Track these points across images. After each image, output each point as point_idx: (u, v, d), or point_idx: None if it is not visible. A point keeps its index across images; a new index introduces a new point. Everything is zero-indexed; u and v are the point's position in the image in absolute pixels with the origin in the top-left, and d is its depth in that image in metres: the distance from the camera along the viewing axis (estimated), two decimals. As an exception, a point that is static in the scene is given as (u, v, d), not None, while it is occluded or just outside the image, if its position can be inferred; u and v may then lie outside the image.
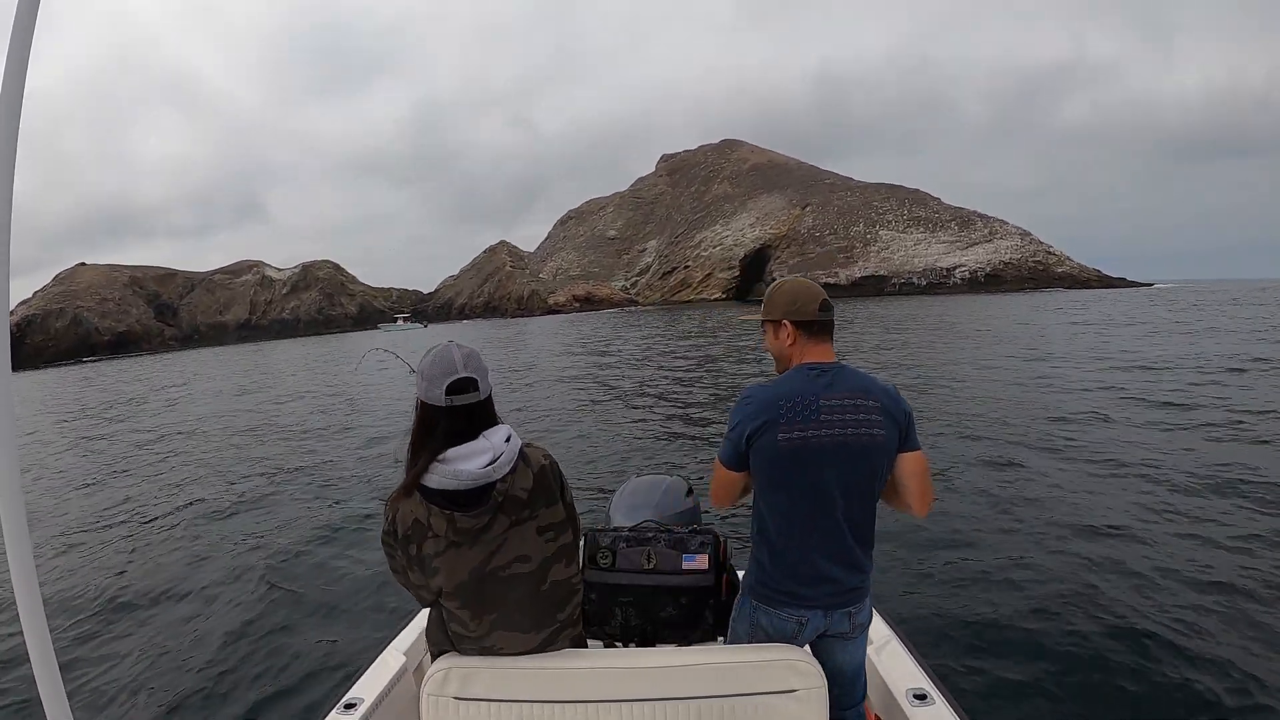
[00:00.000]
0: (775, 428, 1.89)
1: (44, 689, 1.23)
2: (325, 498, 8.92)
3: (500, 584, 1.72)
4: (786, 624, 1.97)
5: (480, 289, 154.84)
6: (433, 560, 1.70)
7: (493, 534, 1.70)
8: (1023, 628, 4.24)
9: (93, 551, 7.59)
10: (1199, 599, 4.42)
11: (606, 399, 15.69)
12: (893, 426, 1.92)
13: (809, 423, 1.88)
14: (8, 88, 1.11)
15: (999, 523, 6.08)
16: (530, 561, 1.74)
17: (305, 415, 17.18)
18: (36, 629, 1.21)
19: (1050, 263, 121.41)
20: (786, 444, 1.88)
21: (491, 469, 1.66)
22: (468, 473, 1.64)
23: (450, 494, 1.66)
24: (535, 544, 1.75)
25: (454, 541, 1.68)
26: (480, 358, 1.76)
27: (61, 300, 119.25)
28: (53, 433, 18.76)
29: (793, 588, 1.96)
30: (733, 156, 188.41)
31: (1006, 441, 9.14)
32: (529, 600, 1.75)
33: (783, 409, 1.90)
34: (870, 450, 1.90)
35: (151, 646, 5.02)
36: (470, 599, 1.73)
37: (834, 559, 1.95)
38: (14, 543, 1.18)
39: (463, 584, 1.71)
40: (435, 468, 1.65)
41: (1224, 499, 6.30)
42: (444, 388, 1.67)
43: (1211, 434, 8.84)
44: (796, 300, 2.02)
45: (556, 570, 1.79)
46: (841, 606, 1.98)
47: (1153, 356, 17.16)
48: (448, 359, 1.71)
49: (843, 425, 1.88)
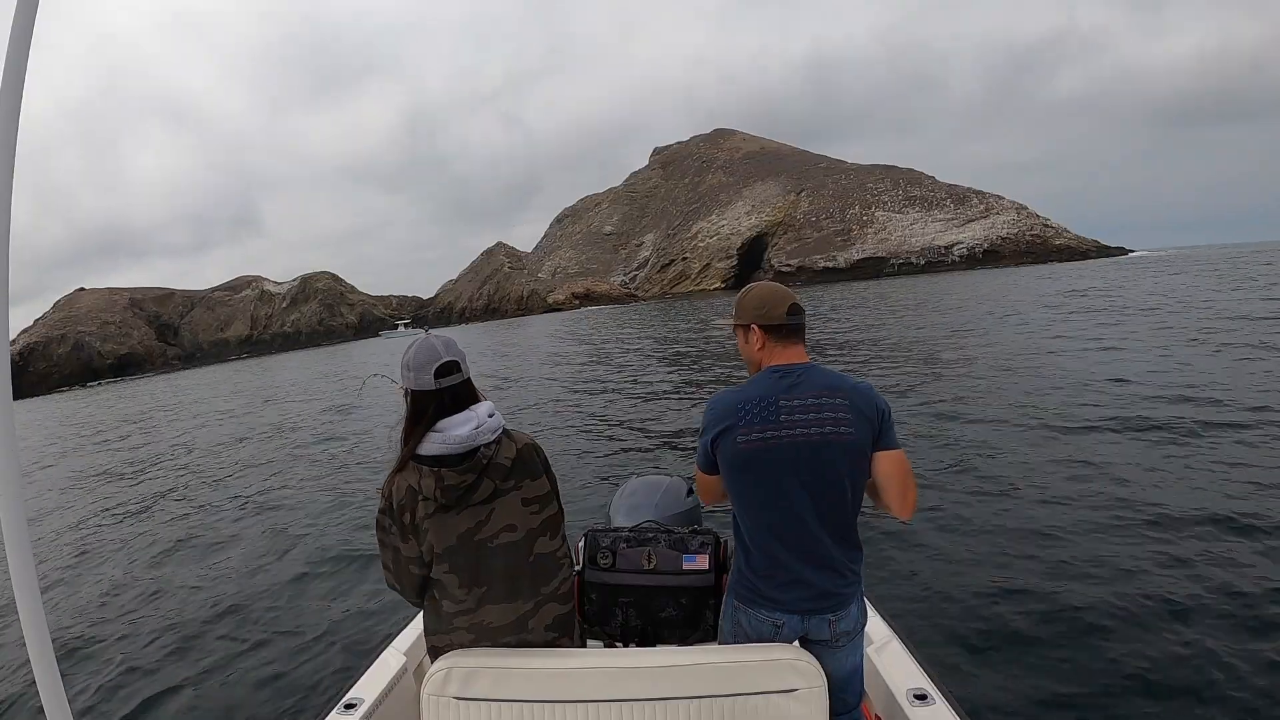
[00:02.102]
0: (735, 431, 1.89)
1: (44, 689, 1.23)
2: (326, 500, 8.97)
3: (489, 554, 1.81)
4: (763, 625, 1.95)
5: (479, 291, 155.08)
6: (423, 523, 1.79)
7: (478, 497, 1.80)
8: (1023, 628, 4.18)
9: (93, 551, 7.67)
10: (1203, 600, 4.32)
11: (603, 400, 15.68)
12: (864, 424, 1.87)
13: (769, 424, 1.86)
14: (5, 106, 1.11)
15: (999, 522, 5.97)
16: (516, 531, 1.83)
17: (308, 428, 17.21)
18: (36, 629, 1.21)
19: (1048, 235, 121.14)
20: (746, 446, 1.88)
21: (477, 433, 1.79)
22: (456, 436, 1.77)
23: (440, 458, 1.78)
24: (521, 514, 1.85)
25: (442, 504, 1.77)
26: (456, 344, 1.90)
27: (63, 326, 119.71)
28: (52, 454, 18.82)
29: (767, 590, 1.94)
30: (725, 146, 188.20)
31: (1007, 437, 9.01)
32: (514, 571, 1.83)
33: (742, 412, 1.90)
34: (835, 449, 1.85)
35: (151, 646, 5.05)
36: (459, 564, 1.80)
37: (807, 561, 1.90)
38: (14, 543, 1.18)
39: (451, 548, 1.79)
40: (429, 437, 1.79)
41: (1234, 498, 6.21)
42: (432, 372, 1.80)
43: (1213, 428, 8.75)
44: (764, 304, 2.00)
45: (541, 543, 1.87)
46: (818, 613, 1.92)
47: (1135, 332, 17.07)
48: (430, 347, 1.85)
49: (805, 425, 1.85)
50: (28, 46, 1.14)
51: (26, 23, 1.13)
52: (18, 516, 1.18)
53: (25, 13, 1.14)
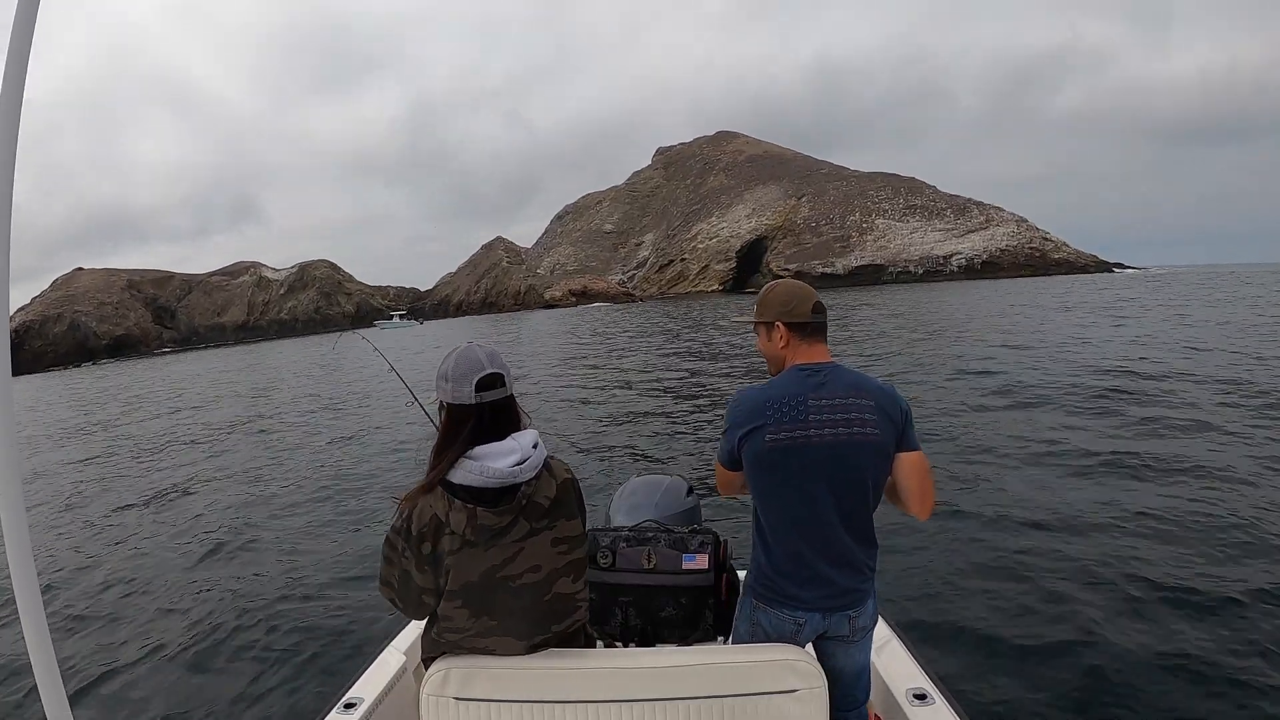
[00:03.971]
0: (764, 430, 1.89)
1: (44, 689, 1.23)
2: (326, 502, 8.91)
3: (509, 593, 1.70)
4: (784, 624, 1.96)
5: (477, 285, 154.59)
6: (446, 558, 1.66)
7: (510, 538, 1.67)
8: (1024, 628, 4.20)
9: (93, 551, 7.61)
10: (1206, 601, 4.34)
11: (602, 398, 15.67)
12: (888, 425, 1.89)
13: (797, 424, 1.87)
14: (7, 93, 1.11)
15: (1000, 522, 5.99)
16: (540, 571, 1.72)
17: (309, 420, 17.18)
18: (36, 629, 1.20)
19: (1047, 249, 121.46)
20: (774, 445, 1.87)
21: (519, 469, 1.64)
22: (496, 470, 1.62)
23: (475, 491, 1.63)
24: (548, 554, 1.73)
25: (470, 541, 1.64)
26: (502, 356, 1.75)
27: (60, 305, 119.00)
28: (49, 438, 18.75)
29: (789, 588, 1.95)
30: (728, 148, 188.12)
31: (1009, 439, 9.04)
32: (530, 610, 1.73)
33: (771, 411, 1.89)
34: (862, 449, 1.87)
35: (152, 646, 5.03)
36: (472, 599, 1.70)
37: (830, 560, 1.92)
38: (14, 543, 1.17)
39: (470, 584, 1.68)
40: (462, 463, 1.63)
41: (1241, 498, 6.22)
42: (473, 384, 1.66)
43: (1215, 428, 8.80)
44: (790, 302, 2.01)
45: (563, 584, 1.77)
46: (840, 609, 1.95)
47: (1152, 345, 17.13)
48: (473, 357, 1.70)
49: (833, 425, 1.86)
50: (29, 39, 1.13)
51: (28, 18, 1.12)
52: (17, 516, 1.17)
53: (26, 9, 1.13)
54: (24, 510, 1.19)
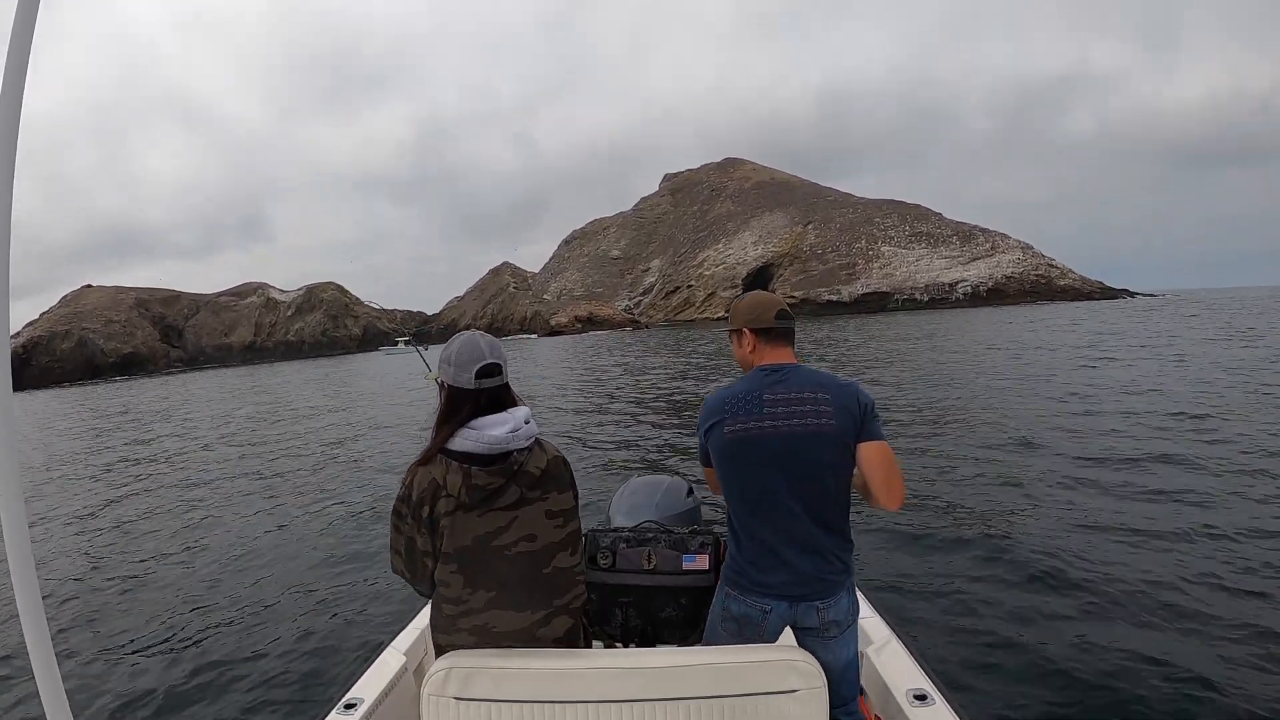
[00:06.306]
0: (723, 424, 2.03)
1: (44, 689, 1.23)
2: (327, 502, 8.94)
3: (504, 561, 1.78)
4: (751, 610, 2.01)
5: (484, 310, 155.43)
6: (441, 520, 1.75)
7: (503, 502, 1.77)
8: (1024, 628, 4.20)
9: (93, 551, 7.62)
10: (1206, 602, 4.35)
11: (603, 399, 15.69)
12: (846, 417, 1.97)
13: (752, 416, 1.99)
14: (6, 100, 1.10)
15: (1000, 522, 6.07)
16: (535, 541, 1.81)
17: (313, 431, 17.20)
18: (36, 629, 1.20)
19: (1053, 276, 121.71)
20: (732, 436, 2.00)
21: (513, 436, 1.77)
22: (490, 436, 1.74)
23: (471, 455, 1.75)
24: (543, 526, 1.83)
25: (464, 503, 1.74)
26: (500, 346, 1.87)
27: (67, 322, 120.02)
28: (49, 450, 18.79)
29: (755, 575, 2.01)
30: (735, 175, 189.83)
31: (1009, 441, 9.16)
32: (530, 581, 1.81)
33: (729, 406, 2.04)
34: (818, 440, 1.95)
35: (151, 645, 5.03)
36: (466, 565, 1.77)
37: (794, 545, 1.98)
38: (14, 543, 1.17)
39: (464, 549, 1.76)
40: (462, 432, 1.76)
41: (1240, 499, 6.26)
42: (474, 372, 1.78)
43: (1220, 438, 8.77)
44: (755, 310, 2.15)
45: (561, 558, 1.86)
46: (805, 599, 1.98)
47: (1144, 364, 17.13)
48: (475, 345, 1.83)
49: (786, 417, 1.97)
50: (29, 45, 1.11)
51: (27, 22, 1.11)
52: (17, 516, 1.17)
53: (26, 12, 1.11)
54: (24, 510, 1.19)
